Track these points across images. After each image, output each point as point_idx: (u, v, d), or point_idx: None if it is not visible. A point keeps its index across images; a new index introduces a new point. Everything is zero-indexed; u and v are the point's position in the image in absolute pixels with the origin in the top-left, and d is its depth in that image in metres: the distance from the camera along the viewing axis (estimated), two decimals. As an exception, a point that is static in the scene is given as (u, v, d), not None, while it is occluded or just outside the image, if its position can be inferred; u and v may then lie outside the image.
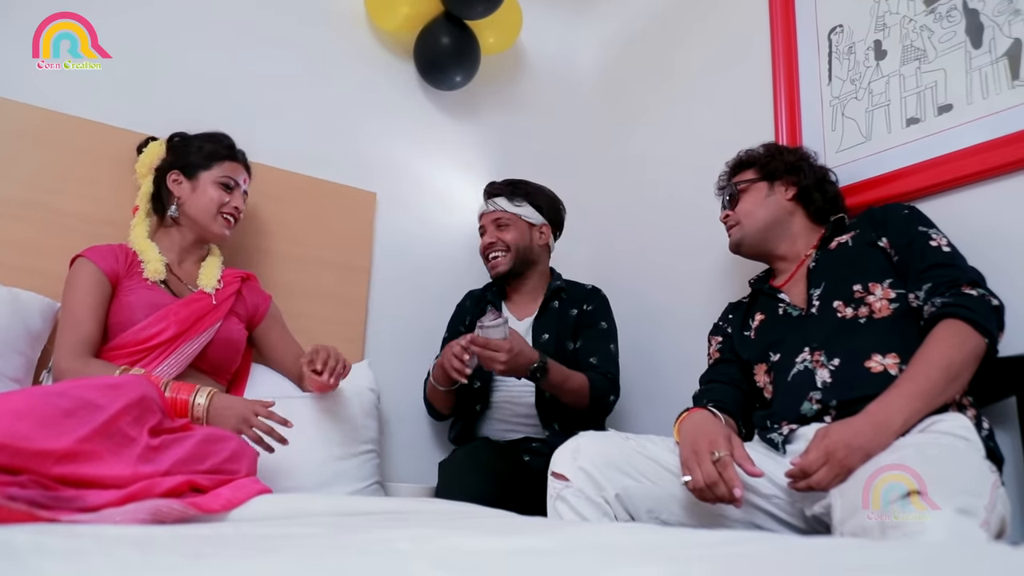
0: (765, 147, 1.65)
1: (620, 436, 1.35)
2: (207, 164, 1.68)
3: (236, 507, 1.04)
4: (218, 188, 1.68)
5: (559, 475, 1.30)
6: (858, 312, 1.35)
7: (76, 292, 1.51)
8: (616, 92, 2.66)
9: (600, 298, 2.06)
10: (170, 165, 1.69)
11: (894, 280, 1.34)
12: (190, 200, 1.67)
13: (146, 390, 1.12)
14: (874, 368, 1.28)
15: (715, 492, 1.16)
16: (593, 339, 1.97)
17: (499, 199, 2.05)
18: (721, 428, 1.25)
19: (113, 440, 1.01)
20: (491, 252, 2.03)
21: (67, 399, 0.98)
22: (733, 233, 1.61)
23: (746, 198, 1.59)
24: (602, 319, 2.01)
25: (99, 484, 0.95)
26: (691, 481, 1.19)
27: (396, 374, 2.14)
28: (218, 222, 1.68)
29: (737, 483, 1.14)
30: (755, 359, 1.50)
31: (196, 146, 1.70)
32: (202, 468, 1.12)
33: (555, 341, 1.96)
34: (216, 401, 1.40)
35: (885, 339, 1.30)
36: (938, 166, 1.55)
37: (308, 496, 1.35)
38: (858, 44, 1.78)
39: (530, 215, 2.04)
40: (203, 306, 1.61)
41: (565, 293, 2.05)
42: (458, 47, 2.28)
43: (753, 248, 1.60)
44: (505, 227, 2.02)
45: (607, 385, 1.89)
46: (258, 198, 1.95)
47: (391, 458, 2.12)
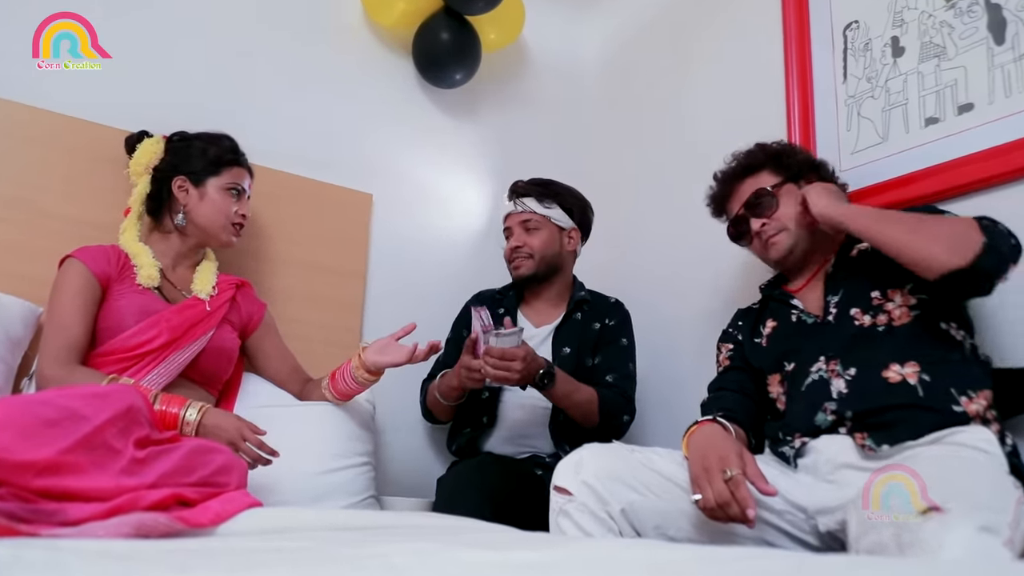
0: (761, 147, 1.59)
1: (625, 448, 1.35)
2: (215, 170, 1.68)
3: (225, 521, 1.04)
4: (227, 196, 1.68)
5: (561, 489, 1.29)
6: (876, 320, 1.34)
7: (64, 294, 1.51)
8: (622, 89, 2.66)
9: (623, 313, 2.04)
10: (173, 169, 1.68)
11: (914, 285, 1.34)
12: (198, 208, 1.67)
13: (133, 400, 1.12)
14: (892, 378, 1.27)
15: (727, 512, 1.16)
16: (612, 356, 1.94)
17: (528, 199, 1.98)
18: (732, 443, 1.24)
19: (97, 452, 1.01)
20: (516, 256, 1.98)
21: (50, 408, 0.99)
22: (780, 240, 1.51)
23: (786, 201, 1.51)
24: (623, 335, 1.99)
25: (81, 497, 0.95)
26: (701, 500, 1.18)
27: (393, 383, 2.13)
28: (227, 231, 1.69)
29: (750, 503, 1.13)
30: (769, 368, 1.50)
31: (199, 148, 1.69)
32: (190, 480, 1.11)
33: (575, 355, 1.94)
34: (207, 418, 1.40)
35: (904, 348, 1.29)
36: (958, 168, 1.55)
37: (300, 510, 1.35)
38: (875, 40, 1.78)
39: (560, 218, 1.99)
40: (196, 313, 1.61)
41: (588, 305, 2.02)
42: (458, 43, 2.29)
43: (801, 256, 1.53)
44: (534, 230, 1.97)
45: (620, 404, 1.86)
46: (252, 200, 1.96)
47: (387, 471, 2.11)
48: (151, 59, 1.95)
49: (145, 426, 1.12)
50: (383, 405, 2.06)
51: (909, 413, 1.23)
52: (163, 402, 1.40)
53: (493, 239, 2.50)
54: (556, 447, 1.87)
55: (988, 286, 1.23)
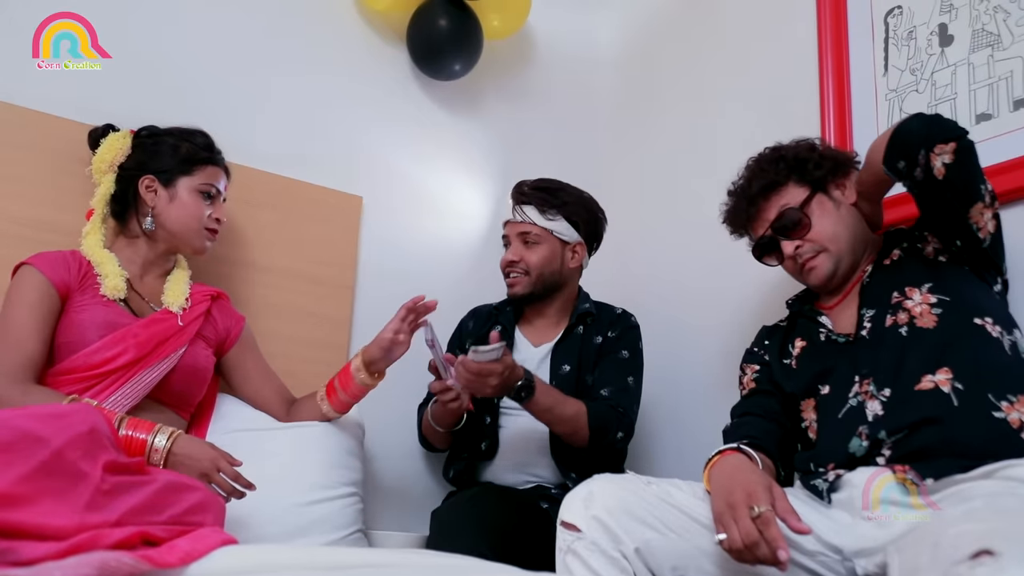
0: (777, 155, 1.56)
1: (640, 480, 1.34)
2: (187, 169, 1.68)
3: (196, 560, 1.03)
4: (199, 198, 1.69)
5: (570, 525, 1.28)
6: (897, 319, 1.35)
7: (18, 306, 1.50)
8: (637, 82, 2.67)
9: (627, 324, 2.01)
10: (141, 167, 1.68)
11: (934, 285, 1.35)
12: (167, 211, 1.67)
13: (96, 422, 1.12)
14: (924, 387, 1.28)
15: (755, 554, 1.14)
16: (609, 369, 1.92)
17: (528, 208, 1.95)
18: (760, 477, 1.23)
19: (57, 479, 1.00)
20: (511, 271, 1.98)
21: (3, 430, 0.98)
22: (820, 263, 1.50)
23: (820, 219, 1.50)
24: (624, 347, 1.96)
25: (36, 535, 0.94)
26: (726, 540, 1.17)
27: (384, 406, 2.13)
28: (200, 236, 1.70)
29: (781, 544, 1.12)
30: (802, 393, 1.50)
31: (170, 145, 1.69)
32: (160, 519, 1.11)
33: (575, 372, 1.93)
34: (178, 446, 1.40)
35: (934, 353, 1.30)
36: (1013, 169, 1.55)
37: (279, 547, 1.35)
38: (919, 28, 1.78)
39: (564, 231, 1.96)
40: (167, 327, 1.61)
41: (592, 318, 2.01)
42: (458, 31, 2.30)
43: (844, 275, 1.52)
44: (533, 245, 1.95)
45: (611, 418, 1.83)
46: (227, 203, 1.96)
47: (376, 502, 2.11)
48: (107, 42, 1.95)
49: (110, 450, 1.12)
50: (373, 430, 2.06)
51: (945, 428, 1.23)
52: (129, 426, 1.39)
53: (494, 246, 2.50)
54: (563, 476, 1.87)
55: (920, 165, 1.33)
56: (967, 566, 0.92)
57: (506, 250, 2.01)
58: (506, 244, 2.02)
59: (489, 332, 1.78)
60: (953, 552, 0.90)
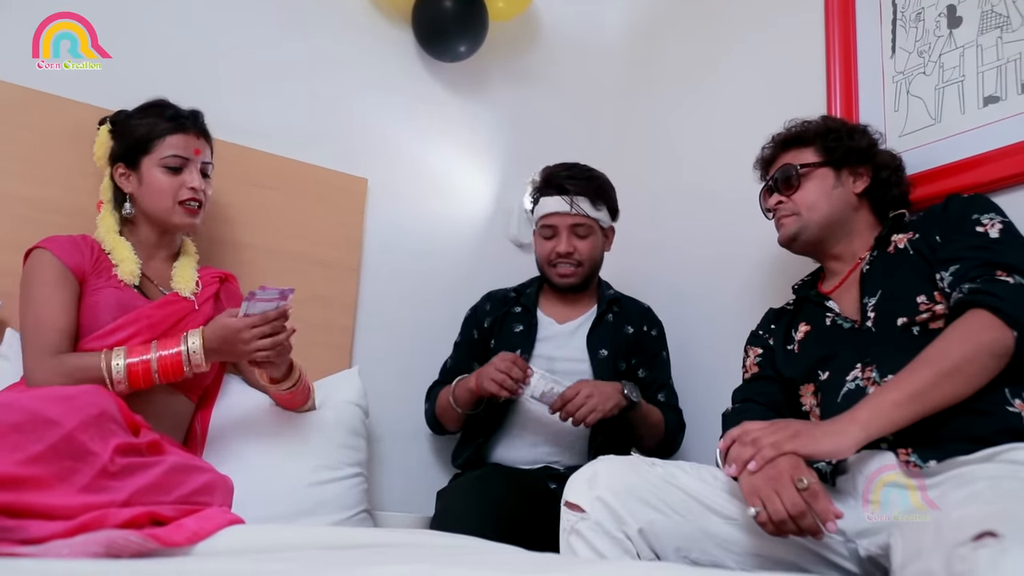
0: (825, 120, 1.62)
1: (645, 462, 1.35)
2: (145, 147, 1.63)
3: (203, 539, 1.04)
4: (164, 173, 1.63)
5: (573, 505, 1.29)
6: (913, 320, 1.34)
7: (41, 286, 1.50)
8: (641, 63, 2.65)
9: (659, 323, 2.11)
10: (112, 157, 1.67)
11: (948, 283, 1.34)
12: (140, 195, 1.65)
13: (106, 404, 1.13)
14: None
15: (800, 524, 1.14)
16: (659, 371, 2.04)
17: (582, 200, 1.95)
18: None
19: (68, 460, 1.01)
20: (563, 262, 1.99)
21: (14, 412, 0.99)
22: (787, 224, 1.58)
23: (809, 186, 1.56)
24: (663, 348, 2.08)
25: (45, 514, 0.95)
26: (762, 512, 1.16)
27: (389, 386, 2.15)
28: (178, 213, 1.65)
29: (831, 515, 1.13)
30: (801, 378, 1.50)
31: (133, 127, 1.66)
32: (168, 500, 1.12)
33: (612, 360, 1.97)
34: (208, 341, 1.45)
35: None
36: (1021, 152, 1.53)
37: (285, 527, 1.36)
38: (928, 9, 1.77)
39: (605, 220, 2.02)
40: (180, 309, 1.62)
41: (618, 305, 2.07)
42: (463, 12, 2.29)
43: (807, 245, 1.59)
44: (584, 236, 1.98)
45: (679, 424, 1.99)
46: (231, 184, 1.96)
47: (381, 483, 2.12)
48: (107, 20, 1.93)
49: (121, 432, 1.13)
50: (378, 410, 2.07)
51: (958, 420, 1.22)
52: (160, 347, 1.45)
53: (499, 227, 2.50)
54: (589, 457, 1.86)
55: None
56: (970, 548, 0.92)
57: (548, 240, 2.01)
58: (550, 235, 2.01)
59: None
60: (956, 534, 0.89)
